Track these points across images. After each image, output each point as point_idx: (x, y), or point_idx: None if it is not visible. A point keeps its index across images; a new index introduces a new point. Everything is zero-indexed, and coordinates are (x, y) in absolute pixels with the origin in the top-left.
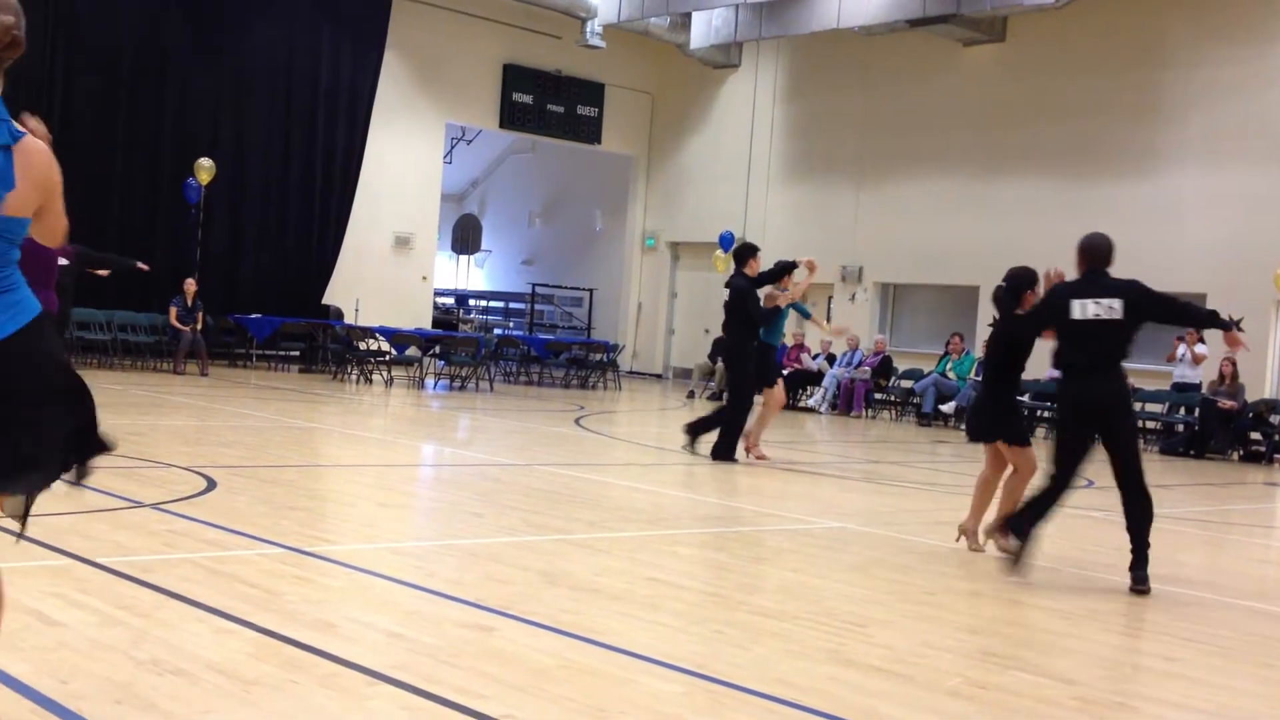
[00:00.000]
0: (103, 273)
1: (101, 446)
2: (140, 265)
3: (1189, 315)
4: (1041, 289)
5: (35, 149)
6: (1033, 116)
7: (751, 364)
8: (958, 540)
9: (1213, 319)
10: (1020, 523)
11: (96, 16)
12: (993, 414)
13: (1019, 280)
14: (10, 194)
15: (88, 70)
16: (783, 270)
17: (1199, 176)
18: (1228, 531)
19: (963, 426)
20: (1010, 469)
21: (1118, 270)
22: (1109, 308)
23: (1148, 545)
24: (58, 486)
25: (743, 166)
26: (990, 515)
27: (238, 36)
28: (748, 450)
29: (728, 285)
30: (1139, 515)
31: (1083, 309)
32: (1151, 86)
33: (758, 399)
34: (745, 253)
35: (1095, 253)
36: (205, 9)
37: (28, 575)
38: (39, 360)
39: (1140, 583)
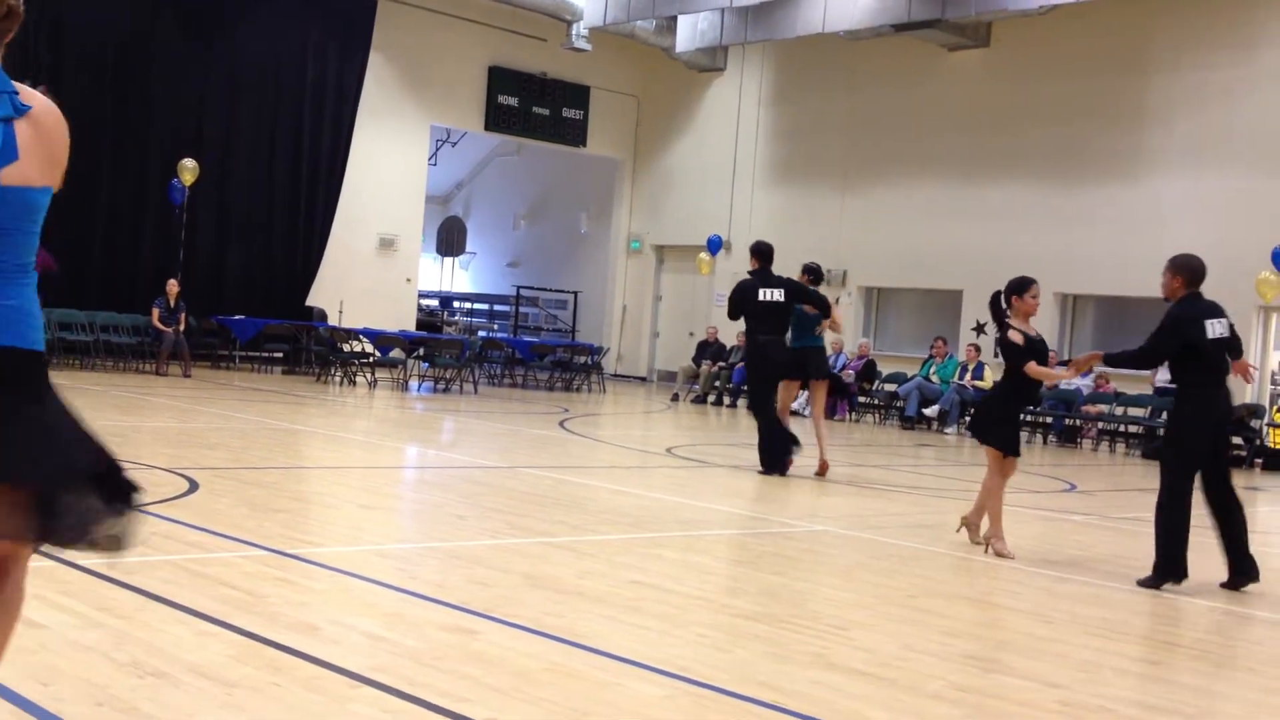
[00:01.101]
0: None
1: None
2: None
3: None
4: (1032, 297)
5: (51, 117)
6: (1017, 121)
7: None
8: (958, 531)
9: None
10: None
11: (82, 17)
12: (990, 418)
13: (1009, 287)
14: (11, 166)
15: (73, 70)
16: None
17: (1183, 181)
18: (1209, 535)
19: (946, 430)
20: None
21: (1098, 277)
22: (1226, 327)
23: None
24: None
25: (728, 170)
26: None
27: (224, 37)
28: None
29: (782, 285)
30: (1243, 523)
31: (1213, 329)
32: (1136, 91)
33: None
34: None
35: (1199, 274)
36: (191, 10)
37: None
38: None
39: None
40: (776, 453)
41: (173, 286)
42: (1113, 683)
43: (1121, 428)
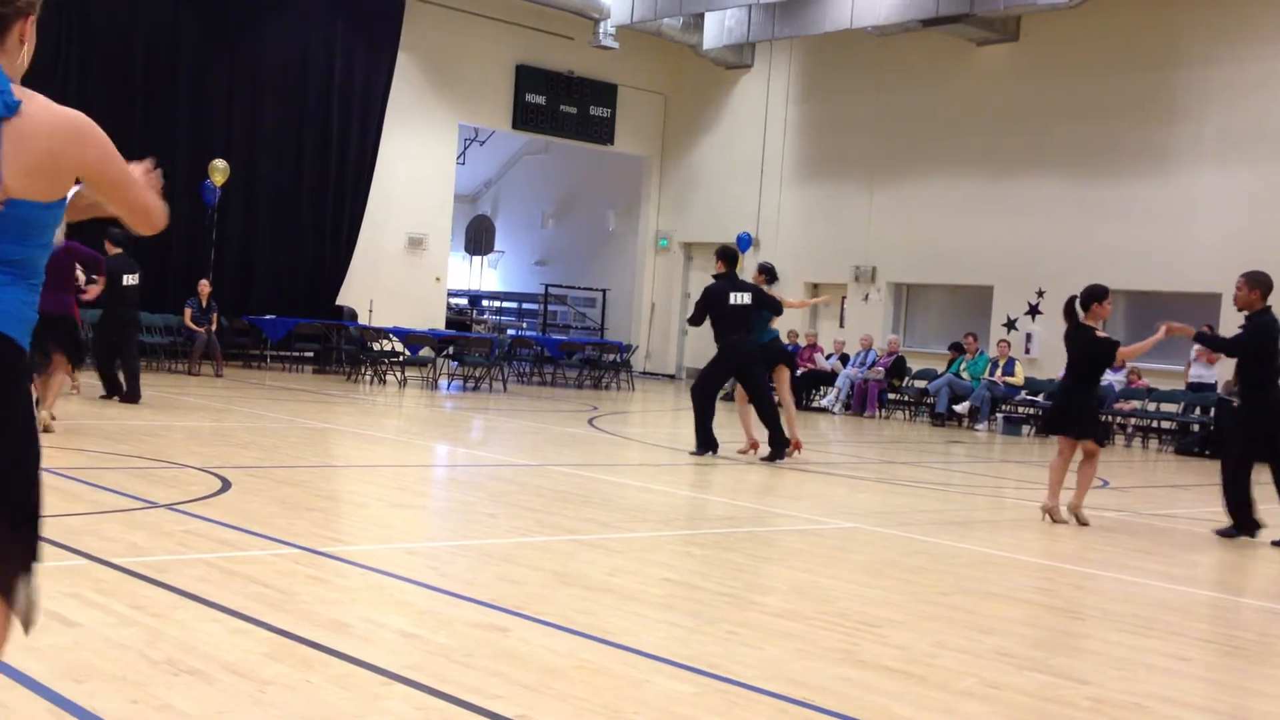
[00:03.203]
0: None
1: None
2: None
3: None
4: (1109, 303)
5: (43, 124)
6: (1046, 116)
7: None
8: (1043, 519)
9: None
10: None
11: (110, 19)
12: (1079, 413)
13: (1089, 294)
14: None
15: (101, 72)
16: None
17: (1213, 176)
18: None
19: (976, 427)
20: (1079, 457)
21: (1127, 271)
22: None
23: None
24: None
25: (756, 167)
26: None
27: (251, 38)
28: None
29: (749, 289)
30: None
31: None
32: (1166, 86)
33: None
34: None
35: (1271, 287)
36: (219, 11)
37: (43, 575)
38: None
39: None
40: (706, 437)
41: (204, 287)
42: (1145, 679)
43: (1155, 424)
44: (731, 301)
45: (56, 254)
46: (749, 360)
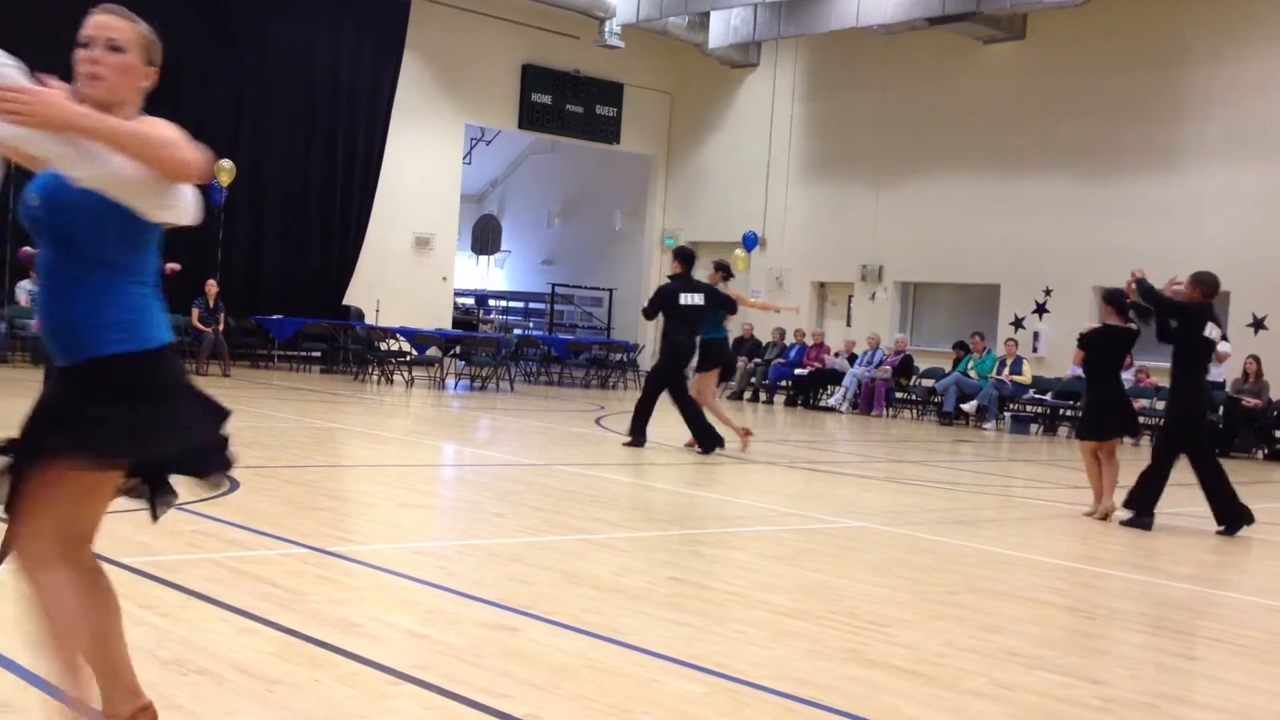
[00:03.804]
0: None
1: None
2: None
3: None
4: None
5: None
6: (1053, 114)
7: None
8: (1106, 519)
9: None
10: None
11: None
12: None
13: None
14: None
15: None
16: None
17: (1220, 175)
18: (1253, 530)
19: (984, 426)
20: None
21: (1140, 267)
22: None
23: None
24: None
25: (762, 166)
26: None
27: (258, 38)
28: None
29: (702, 290)
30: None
31: (1210, 330)
32: (1172, 84)
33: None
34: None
35: (1215, 287)
36: (225, 11)
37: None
38: None
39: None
40: (640, 429)
41: (211, 287)
42: (1155, 678)
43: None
44: (682, 301)
45: None
46: (686, 361)
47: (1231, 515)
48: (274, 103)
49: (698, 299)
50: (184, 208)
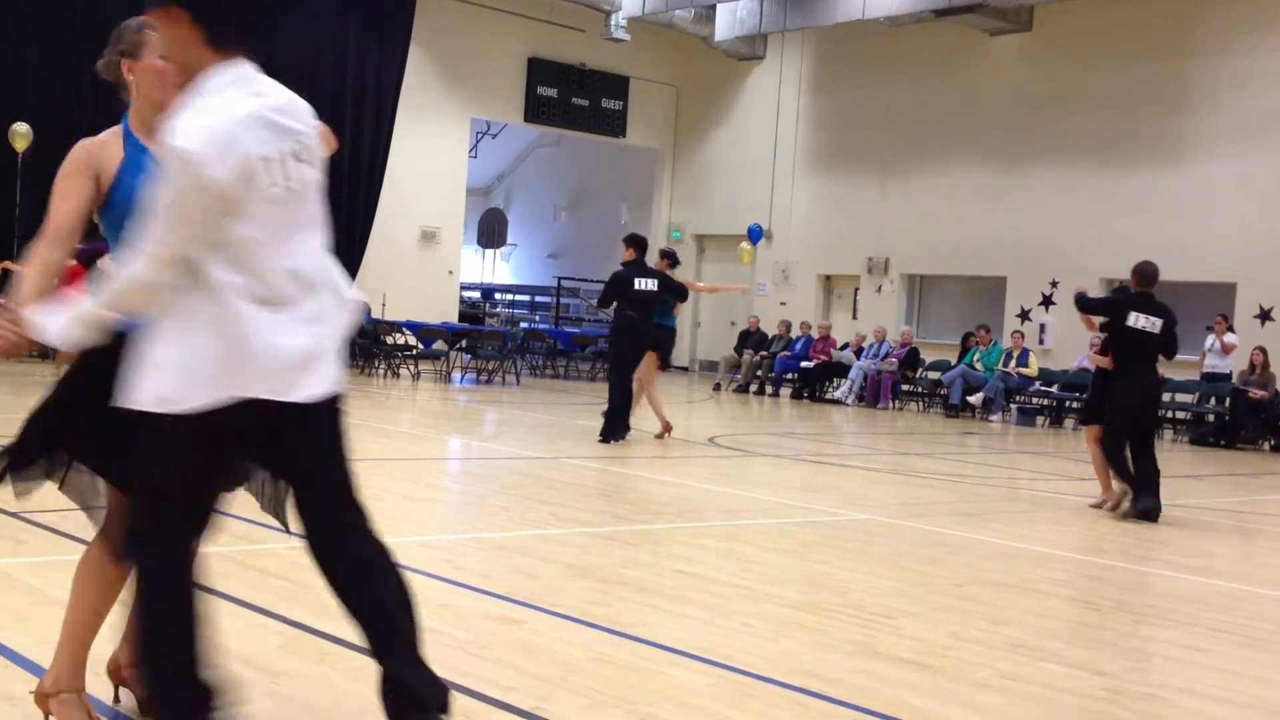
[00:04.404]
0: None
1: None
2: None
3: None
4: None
5: None
6: (1060, 106)
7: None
8: (1115, 507)
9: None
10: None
11: (122, 16)
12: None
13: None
14: None
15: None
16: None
17: (1229, 166)
18: (1259, 522)
19: (990, 418)
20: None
21: (1147, 258)
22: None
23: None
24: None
25: (768, 158)
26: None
27: (263, 33)
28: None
29: (655, 276)
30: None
31: (1135, 319)
32: (1181, 75)
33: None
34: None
35: (1149, 277)
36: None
37: (58, 569)
38: None
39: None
40: (617, 425)
41: None
42: (1162, 670)
43: (1169, 414)
44: (637, 287)
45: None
46: (642, 347)
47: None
48: None
49: (652, 285)
50: None
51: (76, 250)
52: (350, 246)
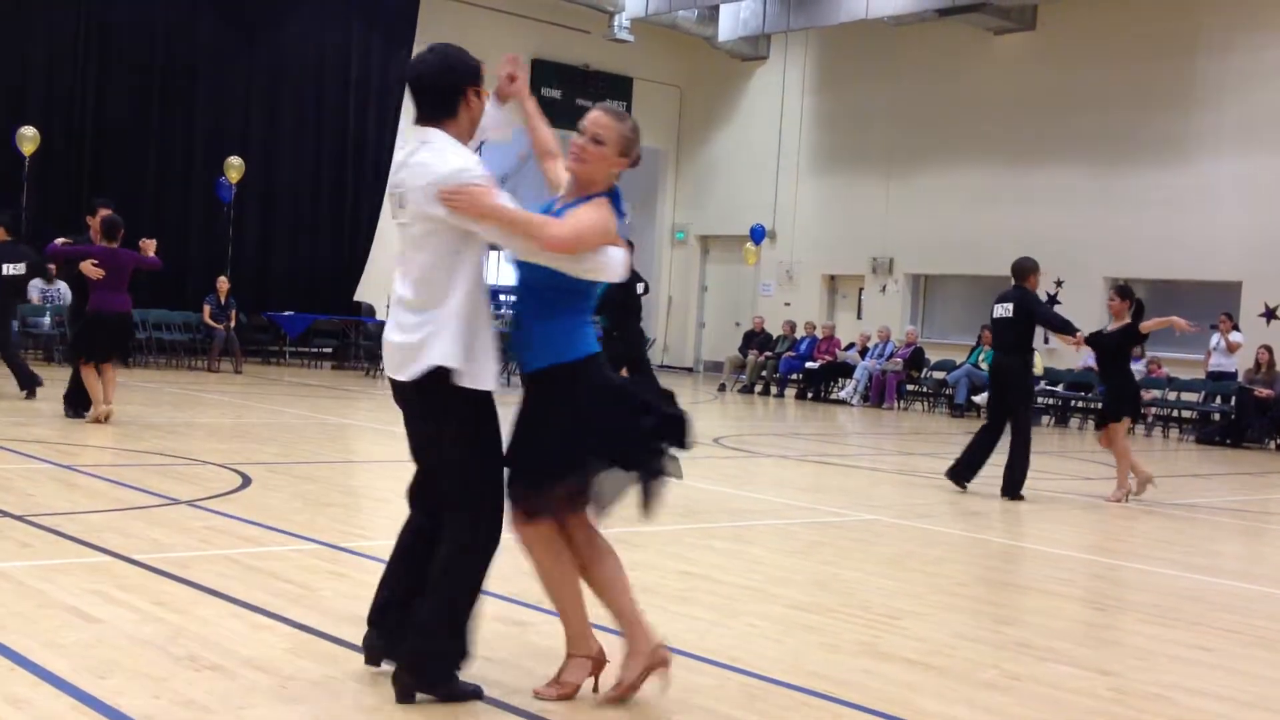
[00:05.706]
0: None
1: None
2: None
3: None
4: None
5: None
6: (1064, 105)
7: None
8: (1142, 493)
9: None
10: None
11: (128, 17)
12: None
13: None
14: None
15: (121, 70)
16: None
17: (1233, 164)
18: (1266, 521)
19: None
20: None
21: (1147, 261)
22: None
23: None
24: None
25: (772, 159)
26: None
27: (268, 34)
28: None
29: (639, 281)
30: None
31: (995, 309)
32: (1185, 73)
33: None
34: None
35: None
36: (237, 8)
37: (66, 573)
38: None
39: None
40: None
41: (223, 283)
42: (1168, 670)
43: (1175, 413)
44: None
45: (118, 257)
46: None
47: (1011, 486)
48: (285, 99)
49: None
50: (607, 268)
51: (64, 248)
52: (354, 247)
